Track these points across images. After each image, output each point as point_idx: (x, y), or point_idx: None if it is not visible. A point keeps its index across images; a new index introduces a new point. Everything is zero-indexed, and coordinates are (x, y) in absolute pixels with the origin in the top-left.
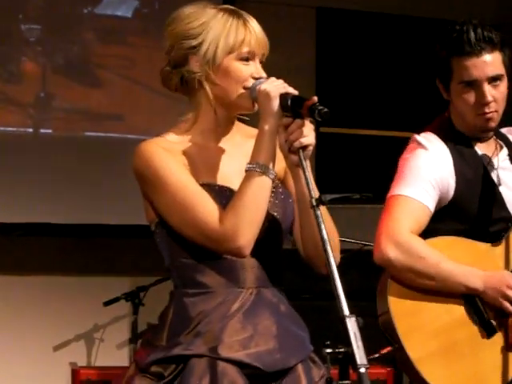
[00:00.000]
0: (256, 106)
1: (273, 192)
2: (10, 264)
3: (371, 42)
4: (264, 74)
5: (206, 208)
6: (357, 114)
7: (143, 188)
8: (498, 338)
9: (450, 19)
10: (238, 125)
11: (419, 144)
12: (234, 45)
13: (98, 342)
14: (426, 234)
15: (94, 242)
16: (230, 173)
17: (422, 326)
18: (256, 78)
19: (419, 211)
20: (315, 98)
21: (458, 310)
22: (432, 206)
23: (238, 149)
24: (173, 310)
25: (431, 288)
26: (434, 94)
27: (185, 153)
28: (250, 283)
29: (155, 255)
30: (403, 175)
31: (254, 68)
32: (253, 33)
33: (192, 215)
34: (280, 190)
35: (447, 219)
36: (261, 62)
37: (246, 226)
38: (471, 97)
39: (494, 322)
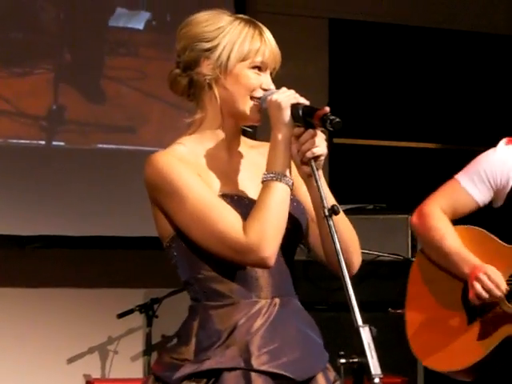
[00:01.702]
0: (261, 119)
1: None
2: (24, 276)
3: (383, 53)
4: (273, 87)
5: (228, 219)
6: (370, 124)
7: (156, 200)
8: (476, 327)
9: (461, 30)
10: (242, 138)
11: (496, 145)
12: (249, 53)
13: (112, 354)
14: None
15: (108, 254)
16: (243, 182)
17: (426, 296)
18: (265, 90)
19: (460, 197)
20: (327, 108)
21: (457, 292)
22: (479, 198)
23: (244, 158)
24: (198, 323)
25: (436, 261)
26: (446, 104)
27: (198, 163)
28: (271, 293)
29: (169, 267)
30: (468, 165)
31: (265, 79)
32: (268, 44)
33: (214, 228)
34: (292, 197)
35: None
36: (271, 74)
37: (271, 236)
38: None
39: (476, 312)
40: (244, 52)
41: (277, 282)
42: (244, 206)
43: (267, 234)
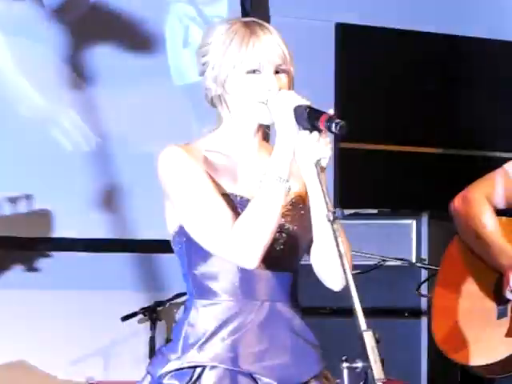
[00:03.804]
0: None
1: (293, 206)
2: (28, 278)
3: (389, 58)
4: (275, 85)
5: (221, 217)
6: (375, 129)
7: (165, 192)
8: (505, 322)
9: (470, 36)
10: (262, 142)
11: None
12: (238, 58)
13: (116, 356)
14: None
15: (113, 256)
16: (252, 184)
17: (457, 283)
18: (267, 90)
19: (508, 186)
20: (331, 111)
21: (491, 283)
22: None
23: (258, 162)
24: (187, 320)
25: (474, 249)
26: (453, 109)
27: (209, 161)
28: (264, 296)
29: (173, 270)
30: None
31: (266, 79)
32: (260, 43)
33: (207, 224)
34: (301, 205)
35: None
36: (284, 72)
37: (255, 237)
38: None
39: (508, 306)
40: (233, 59)
41: (272, 286)
42: (246, 207)
43: (252, 235)
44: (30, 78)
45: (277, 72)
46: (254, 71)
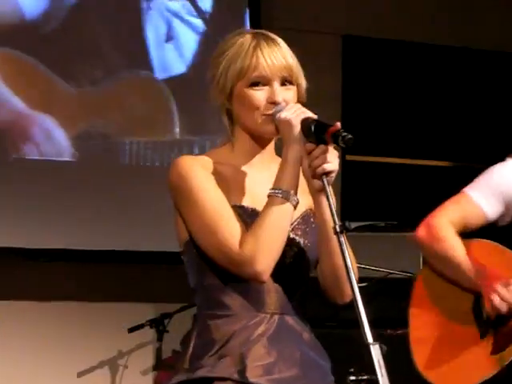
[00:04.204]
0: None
1: (303, 220)
2: (36, 290)
3: (396, 70)
4: (279, 98)
5: (231, 230)
6: (382, 142)
7: (176, 203)
8: (489, 341)
9: (478, 48)
10: (275, 156)
11: (506, 159)
12: (242, 70)
13: (122, 368)
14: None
15: (119, 268)
16: (263, 196)
17: (431, 312)
18: (271, 103)
19: (471, 211)
20: (338, 124)
21: (467, 305)
22: (490, 214)
23: (269, 174)
24: (196, 332)
25: (444, 274)
26: (459, 122)
27: (221, 173)
28: (273, 309)
29: (180, 282)
30: (478, 179)
31: (268, 92)
32: (263, 56)
33: (216, 236)
34: (311, 219)
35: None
36: (290, 84)
37: (265, 252)
38: None
39: (490, 325)
40: (237, 71)
41: (282, 299)
42: None
43: (261, 249)
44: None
45: (283, 84)
46: (257, 84)
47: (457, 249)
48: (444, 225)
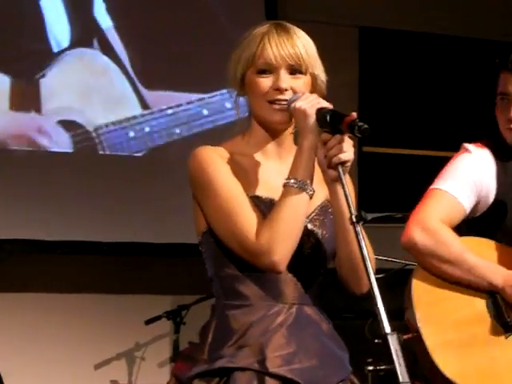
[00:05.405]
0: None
1: (322, 211)
2: (52, 282)
3: (413, 62)
4: (283, 85)
5: (248, 220)
6: (399, 133)
7: (195, 193)
8: None
9: (494, 39)
10: (293, 147)
11: (465, 149)
12: (249, 58)
13: (139, 360)
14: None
15: (136, 260)
16: (278, 187)
17: (441, 316)
18: (276, 90)
19: (452, 206)
20: (354, 114)
21: (480, 305)
22: (467, 206)
23: (286, 165)
24: (215, 323)
25: (455, 277)
26: (476, 112)
27: (239, 163)
28: (291, 299)
29: (197, 274)
30: (444, 172)
31: (275, 79)
32: (269, 44)
33: (234, 226)
34: (329, 210)
35: (485, 225)
36: (301, 73)
37: (281, 242)
38: (500, 110)
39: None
40: (246, 59)
41: (299, 289)
42: None
43: (277, 240)
44: None
45: (292, 73)
46: (264, 71)
47: (467, 250)
48: (443, 227)
